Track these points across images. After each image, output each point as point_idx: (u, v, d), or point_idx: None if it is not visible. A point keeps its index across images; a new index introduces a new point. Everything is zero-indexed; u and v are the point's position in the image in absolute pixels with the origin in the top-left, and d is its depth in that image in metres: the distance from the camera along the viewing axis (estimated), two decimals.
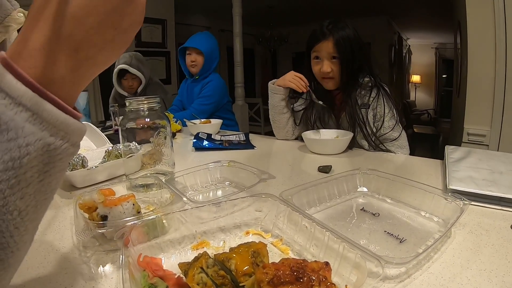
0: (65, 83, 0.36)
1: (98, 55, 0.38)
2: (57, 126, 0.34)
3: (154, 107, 0.99)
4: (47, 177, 0.35)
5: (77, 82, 0.38)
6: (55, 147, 0.35)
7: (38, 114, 0.33)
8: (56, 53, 0.35)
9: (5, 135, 0.31)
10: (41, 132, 0.33)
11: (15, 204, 0.33)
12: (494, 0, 2.49)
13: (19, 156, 0.32)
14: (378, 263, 0.51)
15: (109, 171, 1.12)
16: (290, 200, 0.75)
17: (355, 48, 1.55)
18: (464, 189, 0.88)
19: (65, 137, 0.35)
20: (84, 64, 0.38)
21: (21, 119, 0.32)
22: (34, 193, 0.35)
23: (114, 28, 0.38)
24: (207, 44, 2.63)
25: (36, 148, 0.33)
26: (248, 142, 1.69)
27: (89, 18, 0.35)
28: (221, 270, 0.50)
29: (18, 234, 0.35)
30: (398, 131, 1.54)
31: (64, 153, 0.36)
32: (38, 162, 0.34)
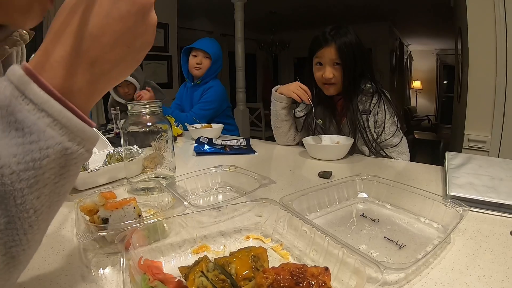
0: (82, 94, 0.40)
1: (112, 71, 0.42)
2: (75, 132, 0.37)
3: (156, 111, 0.99)
4: (62, 180, 0.38)
5: (92, 94, 0.42)
6: (71, 152, 0.37)
7: (59, 120, 0.36)
8: (75, 67, 0.38)
9: (28, 137, 0.34)
10: (60, 137, 0.36)
11: (31, 203, 0.35)
12: (495, 6, 2.50)
13: (39, 158, 0.34)
14: (378, 269, 0.51)
15: (110, 174, 1.12)
16: (291, 205, 0.75)
17: (357, 54, 1.55)
18: (464, 195, 0.88)
19: (81, 143, 0.38)
20: (100, 79, 0.41)
21: (43, 124, 0.35)
22: (49, 194, 0.37)
23: (127, 47, 0.42)
24: (215, 49, 2.63)
25: (55, 151, 0.36)
26: (249, 147, 1.69)
27: (105, 36, 0.39)
28: (221, 274, 0.50)
29: (31, 232, 0.37)
30: (398, 137, 1.54)
31: (79, 157, 0.39)
32: (56, 165, 0.36)
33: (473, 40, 2.70)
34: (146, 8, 0.42)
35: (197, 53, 2.62)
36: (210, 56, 2.59)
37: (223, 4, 5.58)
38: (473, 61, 2.72)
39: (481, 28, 2.62)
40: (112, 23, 0.39)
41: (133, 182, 1.00)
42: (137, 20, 0.41)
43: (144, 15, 0.42)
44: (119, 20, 0.40)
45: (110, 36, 0.39)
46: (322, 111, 1.72)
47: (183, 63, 2.74)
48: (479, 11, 2.63)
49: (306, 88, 1.62)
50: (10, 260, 0.36)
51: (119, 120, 2.18)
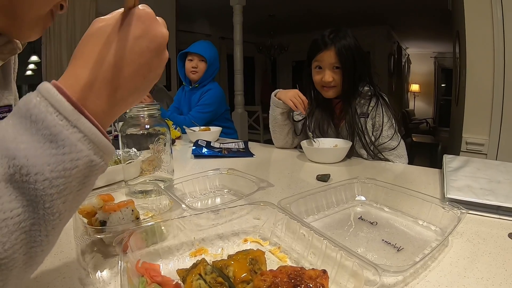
0: (104, 115, 0.45)
1: (129, 98, 0.48)
2: (100, 147, 0.41)
3: (154, 114, 0.99)
4: (83, 188, 0.42)
5: (112, 116, 0.47)
6: (95, 164, 0.41)
7: (88, 136, 0.40)
8: (102, 92, 0.44)
9: (61, 149, 0.38)
10: (88, 151, 0.40)
11: (58, 207, 0.39)
12: (493, 10, 2.51)
13: (70, 167, 0.39)
14: (376, 271, 0.51)
15: (108, 177, 1.12)
16: (289, 208, 0.75)
17: (357, 57, 1.55)
18: (462, 198, 0.89)
19: (103, 156, 0.42)
20: (119, 103, 0.47)
21: (75, 138, 0.39)
22: (72, 200, 0.41)
23: (143, 78, 0.48)
24: (210, 52, 2.63)
25: (83, 162, 0.40)
26: (247, 150, 1.69)
27: (127, 68, 0.45)
28: (219, 277, 0.50)
29: (53, 234, 0.41)
30: (396, 141, 1.55)
31: (100, 169, 0.43)
32: (81, 175, 0.40)
33: (471, 44, 2.71)
34: (162, 46, 0.48)
35: (192, 57, 2.62)
36: (206, 59, 2.59)
37: (221, 7, 5.59)
38: (471, 64, 2.73)
39: (479, 31, 2.63)
40: (134, 57, 0.45)
41: (131, 184, 1.00)
42: (154, 55, 0.47)
43: (160, 51, 0.48)
44: (140, 55, 0.46)
45: (132, 68, 0.45)
46: (320, 114, 1.72)
47: (179, 68, 2.74)
48: (476, 14, 2.64)
49: (304, 99, 1.61)
50: (28, 260, 0.39)
51: (117, 122, 2.18)
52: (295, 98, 1.60)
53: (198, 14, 7.35)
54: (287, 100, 1.62)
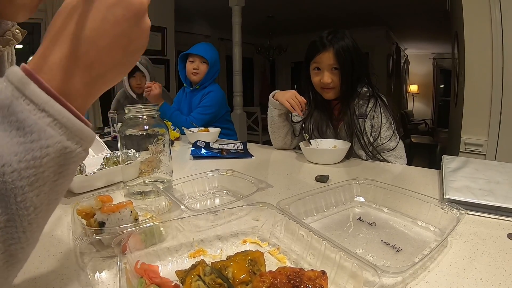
0: (79, 96, 0.41)
1: (108, 74, 0.44)
2: (74, 132, 0.38)
3: (153, 115, 0.99)
4: (61, 178, 0.39)
5: (89, 96, 0.43)
6: (70, 151, 0.38)
7: (59, 120, 0.37)
8: (73, 69, 0.40)
9: (29, 136, 0.35)
10: (60, 136, 0.37)
11: (31, 201, 0.36)
12: (491, 10, 2.51)
13: (40, 156, 0.36)
14: (375, 272, 0.51)
15: (107, 178, 1.12)
16: (287, 209, 0.75)
17: (355, 58, 1.56)
18: (461, 198, 0.89)
19: (79, 142, 0.39)
20: (96, 81, 0.43)
21: (43, 123, 0.36)
22: (48, 192, 0.38)
23: (123, 50, 0.44)
24: (211, 54, 2.63)
25: (55, 150, 0.37)
26: (246, 151, 1.69)
27: (101, 40, 0.41)
28: (218, 278, 0.50)
29: (31, 230, 0.38)
30: (395, 141, 1.55)
31: (77, 156, 0.40)
32: (55, 163, 0.37)
33: (470, 44, 2.72)
34: (140, 13, 0.44)
35: (194, 59, 2.62)
36: (207, 61, 2.59)
37: (220, 8, 5.59)
38: (470, 65, 2.74)
39: (478, 32, 2.64)
40: (108, 28, 0.41)
41: (130, 185, 1.00)
42: (132, 24, 0.43)
43: (138, 19, 0.44)
44: (115, 24, 0.42)
45: (107, 40, 0.41)
46: (319, 115, 1.72)
47: (180, 70, 2.74)
48: (475, 15, 2.64)
49: (302, 100, 1.60)
50: (9, 258, 0.37)
51: (116, 123, 2.18)
52: (292, 99, 1.59)
53: (197, 15, 7.36)
54: (284, 101, 1.61)
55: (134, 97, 3.03)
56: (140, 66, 2.93)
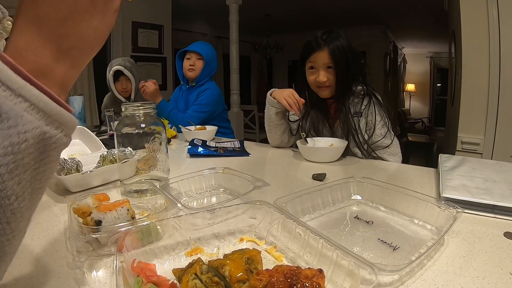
0: (55, 75, 0.39)
1: (82, 42, 0.41)
2: (52, 116, 0.37)
3: (150, 113, 0.99)
4: (42, 166, 0.38)
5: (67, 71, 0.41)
6: (50, 136, 0.37)
7: (36, 104, 0.35)
8: (40, 49, 0.38)
9: (6, 123, 0.34)
10: (37, 121, 0.35)
11: (12, 189, 0.35)
12: (488, 9, 2.52)
13: (18, 142, 0.34)
14: (372, 271, 0.51)
15: (103, 176, 1.12)
16: (284, 208, 0.75)
17: (349, 57, 1.57)
18: (458, 197, 0.89)
19: (59, 127, 0.38)
20: (71, 54, 0.41)
21: (20, 108, 0.34)
22: (30, 180, 0.37)
23: (88, 12, 0.41)
24: (208, 51, 2.64)
25: (33, 135, 0.35)
26: (243, 149, 1.69)
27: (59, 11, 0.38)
28: (215, 277, 0.50)
29: (15, 221, 0.37)
30: (389, 139, 1.57)
31: (57, 142, 0.38)
32: (35, 150, 0.36)
33: (467, 43, 2.72)
34: None
35: (190, 56, 2.63)
36: (203, 57, 2.60)
37: (218, 6, 5.59)
38: (467, 64, 2.74)
39: (475, 31, 2.64)
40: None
41: (126, 184, 0.99)
42: None
43: None
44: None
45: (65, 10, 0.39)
46: (315, 114, 1.73)
47: (178, 67, 2.75)
48: (472, 14, 2.65)
49: (299, 99, 1.60)
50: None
51: (113, 121, 2.17)
52: (290, 97, 1.60)
53: (194, 13, 7.33)
54: (282, 100, 1.62)
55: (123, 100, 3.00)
56: (124, 70, 2.89)
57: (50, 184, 1.12)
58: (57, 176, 1.04)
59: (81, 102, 2.18)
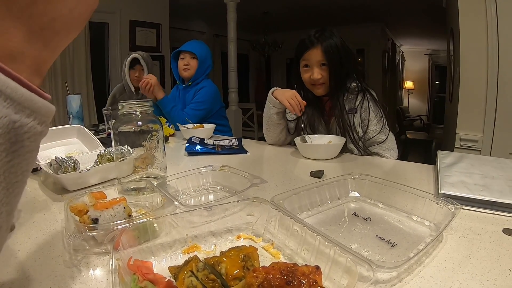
0: (26, 58, 0.36)
1: (55, 22, 0.37)
2: (22, 103, 0.33)
3: (147, 111, 0.98)
4: (16, 158, 0.34)
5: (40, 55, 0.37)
6: (21, 125, 0.33)
7: (2, 91, 0.31)
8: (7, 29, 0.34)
9: None
10: (5, 110, 0.32)
11: None
12: (487, 7, 2.52)
13: None
14: (369, 267, 0.51)
15: (101, 175, 1.11)
16: (282, 205, 0.75)
17: (343, 54, 1.60)
18: (456, 193, 0.89)
19: (31, 115, 0.34)
20: (42, 35, 0.36)
21: None
22: (3, 174, 0.34)
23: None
24: (201, 49, 2.64)
25: (2, 125, 0.32)
26: (241, 147, 1.69)
27: None
28: (211, 274, 0.50)
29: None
30: (385, 134, 1.58)
31: (31, 131, 0.35)
32: (5, 141, 0.32)
33: (465, 41, 2.73)
34: None
35: (184, 55, 2.65)
36: (197, 56, 2.61)
37: (215, 4, 5.58)
38: (465, 61, 2.75)
39: (473, 28, 2.65)
40: None
41: (124, 182, 0.99)
42: None
43: None
44: None
45: None
46: (311, 111, 1.73)
47: (173, 68, 2.76)
48: (471, 12, 2.65)
49: (301, 101, 1.60)
50: None
51: (110, 120, 2.17)
52: (292, 99, 1.60)
53: (192, 11, 7.33)
54: (284, 101, 1.62)
55: (132, 90, 3.11)
56: (140, 59, 3.03)
57: (48, 183, 1.12)
58: (55, 174, 1.03)
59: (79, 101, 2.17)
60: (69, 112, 2.11)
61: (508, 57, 2.50)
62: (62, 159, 1.10)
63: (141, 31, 5.55)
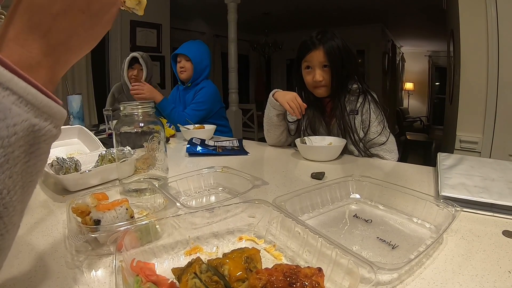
0: (42, 68, 0.39)
1: (71, 40, 0.42)
2: (41, 108, 0.37)
3: (149, 112, 0.99)
4: (33, 158, 0.38)
5: (54, 67, 0.41)
6: (39, 128, 0.37)
7: (23, 97, 0.35)
8: (28, 41, 0.38)
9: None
10: (26, 114, 0.35)
11: (4, 183, 0.35)
12: (487, 8, 2.52)
13: (7, 135, 0.34)
14: (371, 269, 0.51)
15: (102, 175, 1.12)
16: (283, 206, 0.75)
17: (344, 56, 1.60)
18: (456, 195, 0.89)
19: (48, 119, 0.38)
20: (58, 49, 0.41)
21: (8, 102, 0.34)
22: (21, 173, 0.37)
23: (82, 12, 0.41)
24: (196, 51, 2.65)
25: (23, 128, 0.35)
26: (242, 148, 1.69)
27: (54, 6, 0.39)
28: (215, 276, 0.50)
29: (8, 215, 0.36)
30: (385, 136, 1.58)
31: (47, 134, 0.38)
32: (25, 142, 0.36)
33: (465, 42, 2.73)
34: None
35: (180, 58, 2.68)
36: (190, 58, 2.62)
37: (216, 5, 5.58)
38: (465, 63, 2.75)
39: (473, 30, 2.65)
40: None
41: (125, 183, 0.99)
42: None
43: None
44: None
45: (60, 5, 0.39)
46: (312, 113, 1.73)
47: (174, 69, 2.78)
48: (471, 13, 2.65)
49: (302, 103, 1.60)
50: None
51: (111, 120, 2.17)
52: (293, 101, 1.60)
53: (193, 11, 7.33)
54: (284, 103, 1.62)
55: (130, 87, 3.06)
56: (140, 59, 3.02)
57: (49, 184, 1.12)
58: (56, 175, 1.04)
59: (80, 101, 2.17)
60: (70, 113, 2.11)
61: (508, 58, 2.50)
62: (63, 159, 1.11)
63: (141, 31, 5.54)
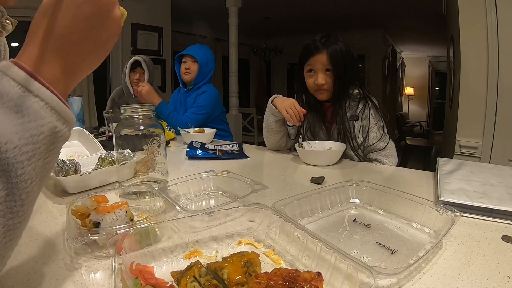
0: (59, 83, 0.47)
1: (83, 63, 0.50)
2: (61, 113, 0.45)
3: (149, 115, 0.99)
4: (50, 156, 0.45)
5: (69, 82, 0.50)
6: (59, 130, 0.45)
7: (49, 103, 0.43)
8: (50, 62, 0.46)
9: (27, 117, 0.41)
10: (51, 117, 0.44)
11: (29, 174, 0.42)
12: (487, 14, 2.53)
13: (36, 134, 0.42)
14: (370, 274, 0.51)
15: (102, 178, 1.12)
16: (283, 211, 0.75)
17: (347, 60, 1.60)
18: (456, 200, 0.89)
19: (65, 123, 0.46)
20: (73, 69, 0.49)
21: (38, 106, 0.42)
22: (41, 167, 0.44)
23: (94, 41, 0.50)
24: (203, 53, 2.65)
25: (48, 128, 0.43)
26: (242, 152, 1.69)
27: (73, 35, 0.47)
28: (214, 279, 0.50)
29: (27, 203, 0.43)
30: (385, 141, 1.59)
31: (63, 136, 0.46)
32: (48, 141, 0.44)
33: (465, 48, 2.73)
34: (107, 8, 0.49)
35: (186, 59, 2.67)
36: (198, 60, 2.62)
37: (217, 9, 5.59)
38: (465, 68, 2.76)
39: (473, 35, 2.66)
40: (78, 24, 0.47)
41: (125, 186, 0.99)
42: (100, 18, 0.49)
43: (107, 13, 0.49)
44: (84, 20, 0.47)
45: (78, 35, 0.47)
46: (312, 117, 1.73)
47: (177, 71, 2.78)
48: (471, 18, 2.66)
49: (300, 109, 1.59)
50: (7, 234, 0.41)
51: (111, 123, 2.17)
52: (291, 108, 1.59)
53: (194, 15, 7.33)
54: (282, 110, 1.60)
55: (131, 92, 3.11)
56: (143, 63, 3.05)
57: (48, 185, 1.12)
58: (56, 177, 1.04)
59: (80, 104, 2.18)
60: None
61: (508, 64, 2.50)
62: (63, 161, 1.11)
63: (142, 34, 5.55)
